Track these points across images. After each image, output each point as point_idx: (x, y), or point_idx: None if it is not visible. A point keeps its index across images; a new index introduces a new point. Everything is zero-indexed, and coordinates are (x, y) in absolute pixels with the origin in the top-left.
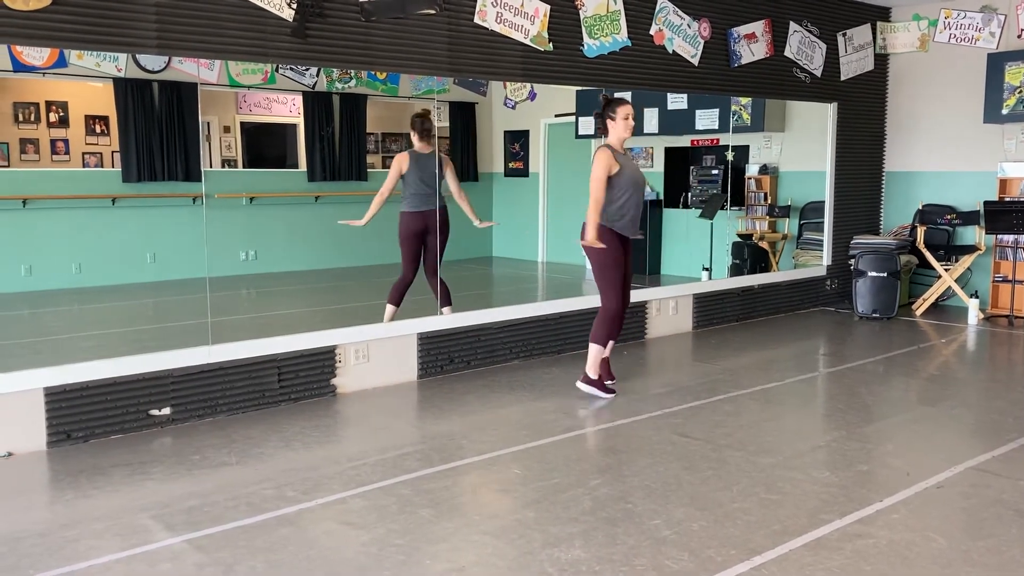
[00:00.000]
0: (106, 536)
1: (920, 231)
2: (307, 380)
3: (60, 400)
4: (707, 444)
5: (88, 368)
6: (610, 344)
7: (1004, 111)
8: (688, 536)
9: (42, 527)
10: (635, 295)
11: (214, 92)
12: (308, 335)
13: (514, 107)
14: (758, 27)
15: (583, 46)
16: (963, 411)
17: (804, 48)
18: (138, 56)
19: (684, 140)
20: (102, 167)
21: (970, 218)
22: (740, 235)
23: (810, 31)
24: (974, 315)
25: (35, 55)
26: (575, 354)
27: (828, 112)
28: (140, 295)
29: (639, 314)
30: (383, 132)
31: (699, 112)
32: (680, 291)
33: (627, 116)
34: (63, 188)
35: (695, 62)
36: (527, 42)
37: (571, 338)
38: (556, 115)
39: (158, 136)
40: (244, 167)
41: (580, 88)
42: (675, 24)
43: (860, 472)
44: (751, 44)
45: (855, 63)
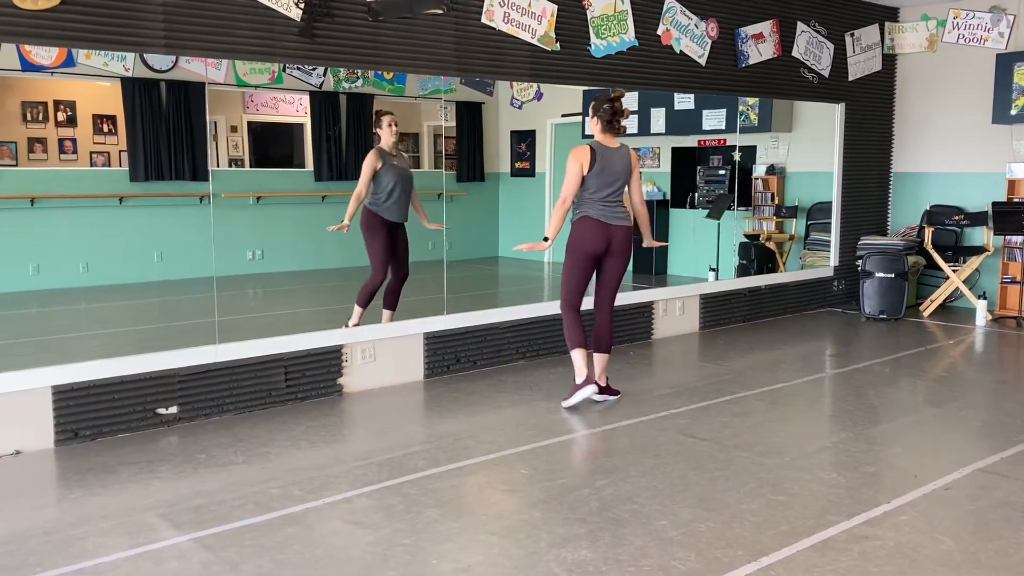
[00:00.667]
0: (113, 534)
1: (928, 232)
2: (313, 379)
3: (68, 398)
4: (714, 445)
5: (95, 367)
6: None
7: (1013, 112)
8: (695, 537)
9: (50, 525)
10: (642, 295)
11: (221, 92)
12: (315, 334)
13: (521, 107)
14: (766, 27)
15: (590, 46)
16: (971, 413)
17: (812, 48)
18: (146, 56)
19: (691, 140)
20: (109, 166)
21: (978, 219)
22: (747, 235)
23: (818, 31)
24: (982, 316)
25: (43, 55)
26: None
27: (836, 112)
28: (147, 294)
29: (646, 314)
30: None
31: (706, 112)
32: (687, 291)
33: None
34: (71, 187)
35: (702, 62)
36: (534, 42)
37: None
38: (563, 115)
39: (165, 135)
40: (251, 167)
41: (587, 88)
42: (682, 24)
43: (867, 473)
44: (758, 44)
45: (863, 63)
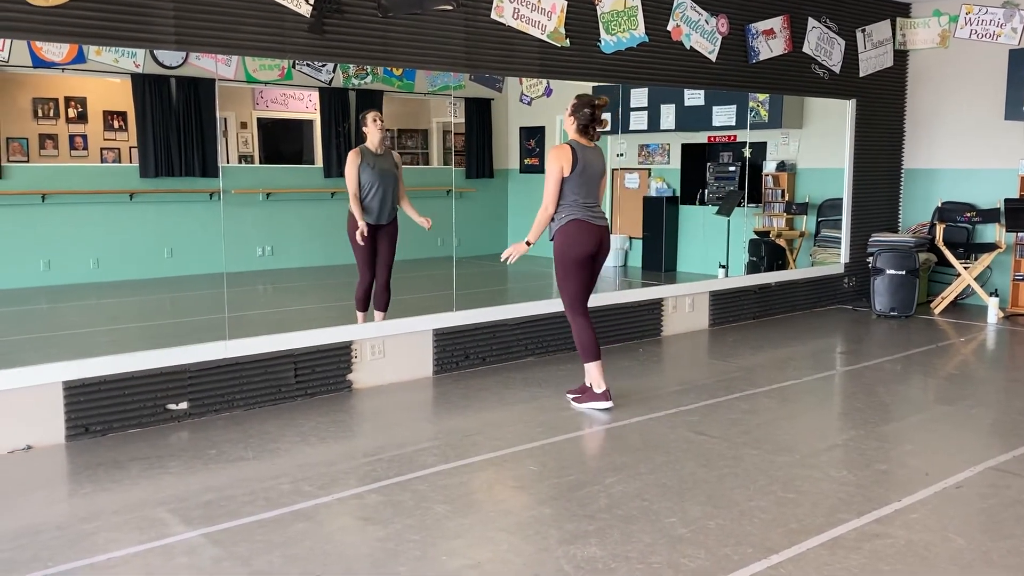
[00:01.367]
0: (124, 529)
1: (939, 229)
2: (323, 375)
3: (78, 394)
4: (723, 442)
5: (106, 362)
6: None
7: None
8: (704, 534)
9: (61, 519)
10: (651, 292)
11: (231, 88)
12: (324, 331)
13: (530, 103)
14: (776, 23)
15: (600, 42)
16: (982, 411)
17: (823, 44)
18: (156, 52)
19: (701, 136)
20: (120, 162)
21: (990, 216)
22: (757, 232)
23: (829, 27)
24: (993, 314)
25: (54, 51)
26: None
27: (847, 109)
28: (157, 290)
29: (655, 311)
30: (399, 128)
31: (716, 108)
32: (696, 288)
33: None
34: (81, 183)
35: (713, 58)
36: (544, 38)
37: None
38: None
39: (175, 132)
40: (261, 163)
41: (597, 84)
42: (693, 20)
43: (878, 471)
44: (769, 40)
45: (874, 59)
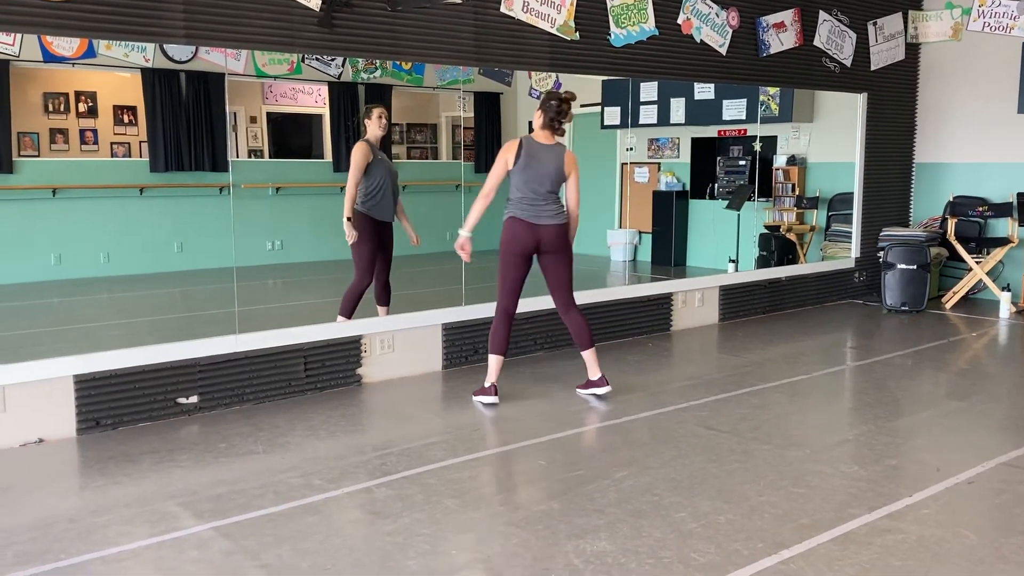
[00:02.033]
0: (135, 522)
1: (951, 223)
2: (333, 369)
3: (89, 388)
4: (733, 437)
5: (117, 356)
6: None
7: None
8: (714, 529)
9: (72, 512)
10: (661, 286)
11: (241, 82)
12: (334, 325)
13: (539, 97)
14: (787, 16)
15: (610, 35)
16: (994, 406)
17: (834, 37)
18: (166, 46)
19: (711, 130)
20: (130, 157)
21: (1002, 210)
22: (767, 226)
23: (840, 20)
24: (1006, 309)
25: (65, 45)
26: (599, 345)
27: (858, 102)
28: (167, 284)
29: (664, 306)
30: (408, 123)
31: (726, 102)
32: (706, 283)
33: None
34: (92, 178)
35: (723, 51)
36: (553, 31)
37: (596, 330)
38: (581, 105)
39: (185, 126)
40: (270, 157)
41: (606, 78)
42: (703, 13)
43: (889, 467)
44: (780, 33)
45: (886, 53)
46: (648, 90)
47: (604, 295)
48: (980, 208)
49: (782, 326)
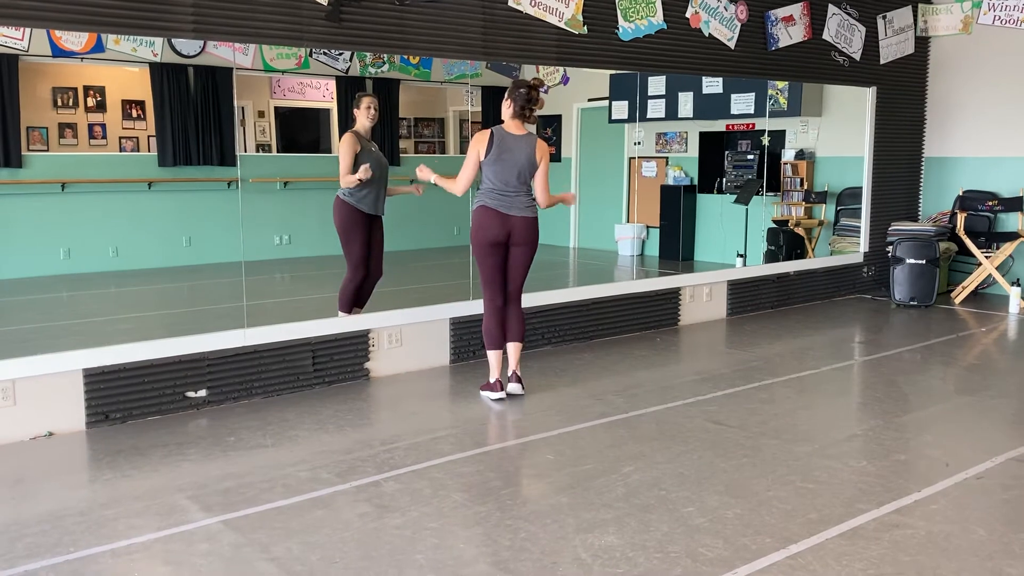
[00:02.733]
0: (145, 515)
1: (960, 217)
2: (341, 364)
3: (99, 381)
4: (741, 432)
5: (126, 350)
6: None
7: None
8: (722, 524)
9: (83, 505)
10: (669, 281)
11: (249, 77)
12: (342, 319)
13: (547, 91)
14: (796, 10)
15: (618, 29)
16: (1003, 401)
17: (843, 31)
18: (174, 41)
19: (719, 125)
20: (138, 151)
21: (1012, 204)
22: (775, 221)
23: (849, 14)
24: (1015, 304)
25: (73, 40)
26: (606, 340)
27: (867, 96)
28: (176, 278)
29: (672, 300)
30: (415, 117)
31: (735, 96)
32: (714, 277)
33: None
34: (100, 172)
35: (731, 45)
36: (561, 25)
37: (603, 324)
38: (589, 99)
39: (193, 121)
40: (278, 152)
41: (614, 72)
42: (711, 7)
43: (898, 462)
44: (789, 27)
45: (895, 46)
46: (656, 84)
47: (612, 290)
48: (990, 203)
49: (790, 321)
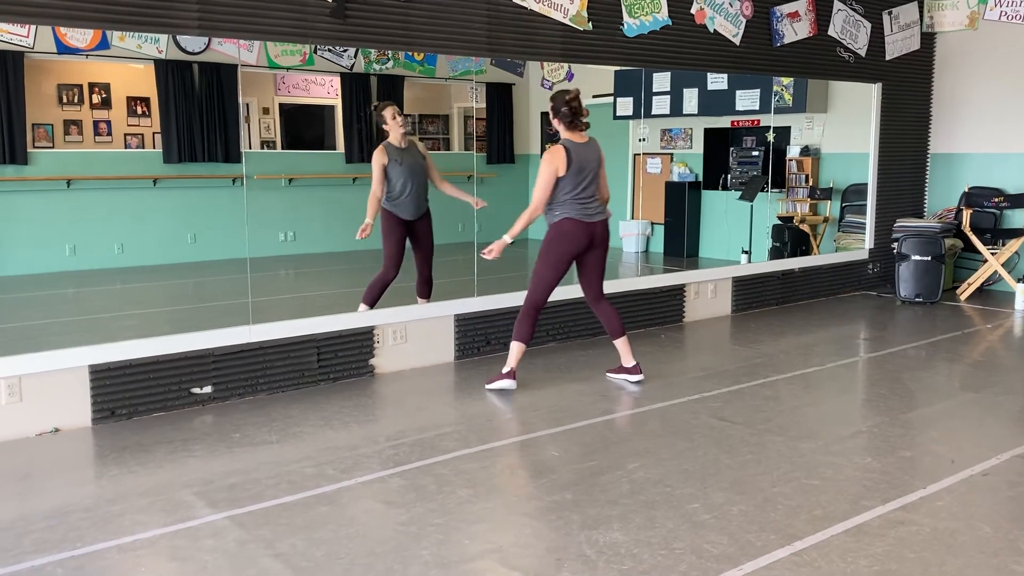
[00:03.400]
0: (150, 511)
1: (966, 214)
2: (346, 360)
3: (104, 378)
4: (746, 428)
5: (131, 347)
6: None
7: None
8: (727, 520)
9: (89, 501)
10: (673, 278)
11: (253, 74)
12: (347, 316)
13: (551, 88)
14: (801, 5)
15: (623, 25)
16: (1009, 398)
17: (848, 27)
18: (179, 38)
19: (724, 121)
20: (143, 148)
21: (1018, 201)
22: (780, 217)
23: (855, 9)
24: (1021, 300)
25: (78, 37)
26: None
27: (872, 92)
28: (181, 275)
29: (677, 297)
30: (420, 114)
31: (740, 92)
32: (719, 274)
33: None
34: (106, 169)
35: (737, 41)
36: (566, 21)
37: None
38: (594, 96)
39: (198, 117)
40: (283, 148)
41: (619, 68)
42: (716, 3)
43: (903, 458)
44: (794, 23)
45: (901, 42)
46: (661, 80)
47: (617, 286)
48: (996, 199)
49: (795, 317)
